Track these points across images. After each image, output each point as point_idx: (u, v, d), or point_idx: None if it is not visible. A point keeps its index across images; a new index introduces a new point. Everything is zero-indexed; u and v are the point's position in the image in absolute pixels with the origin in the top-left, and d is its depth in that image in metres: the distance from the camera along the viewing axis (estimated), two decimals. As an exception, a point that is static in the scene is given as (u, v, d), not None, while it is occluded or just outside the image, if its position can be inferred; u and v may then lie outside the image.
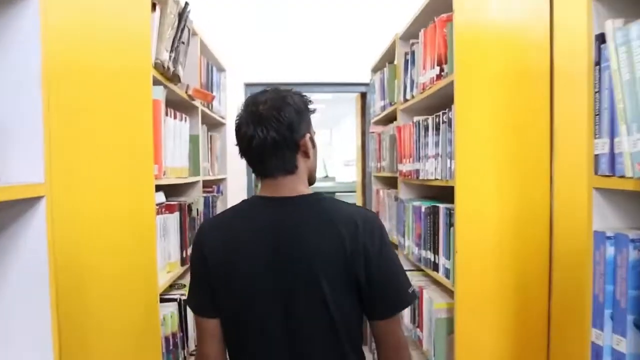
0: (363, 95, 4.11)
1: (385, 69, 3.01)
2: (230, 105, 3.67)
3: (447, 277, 1.88)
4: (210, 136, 2.99)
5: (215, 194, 2.97)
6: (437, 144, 1.94)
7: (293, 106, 1.25)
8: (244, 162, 1.32)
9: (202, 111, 2.69)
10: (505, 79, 1.74)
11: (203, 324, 1.28)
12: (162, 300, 1.92)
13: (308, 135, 1.26)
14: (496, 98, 1.74)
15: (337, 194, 7.41)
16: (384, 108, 3.08)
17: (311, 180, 1.34)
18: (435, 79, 1.96)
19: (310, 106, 1.31)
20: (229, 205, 3.34)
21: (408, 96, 2.37)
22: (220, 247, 1.25)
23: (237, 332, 1.25)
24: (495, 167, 1.74)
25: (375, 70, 3.43)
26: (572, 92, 1.65)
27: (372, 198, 3.90)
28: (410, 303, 1.27)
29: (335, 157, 16.25)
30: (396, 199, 2.80)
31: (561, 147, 1.71)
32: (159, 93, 1.79)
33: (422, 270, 2.40)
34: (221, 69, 3.45)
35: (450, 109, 1.81)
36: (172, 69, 1.91)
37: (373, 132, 3.45)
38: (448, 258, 1.87)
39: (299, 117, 1.24)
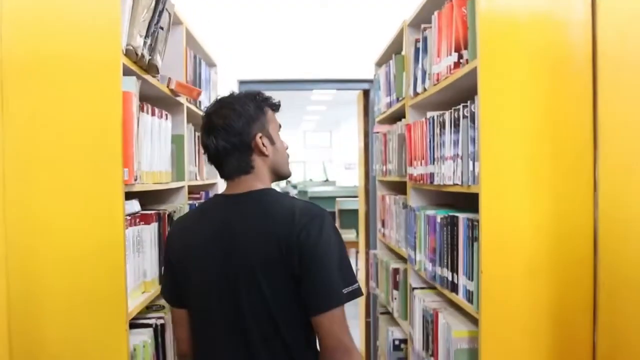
0: (366, 93, 3.84)
1: (391, 61, 2.73)
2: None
3: (469, 300, 1.60)
4: (198, 137, 2.71)
5: (203, 200, 2.69)
6: (455, 143, 1.67)
7: (240, 111, 1.34)
8: None
9: (188, 109, 2.41)
10: (538, 63, 1.46)
11: (173, 311, 1.45)
12: (134, 326, 1.64)
13: (259, 135, 1.34)
14: (528, 86, 1.46)
15: (338, 199, 7.14)
16: (390, 105, 2.80)
17: (280, 174, 1.42)
18: (452, 67, 1.69)
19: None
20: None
21: (419, 89, 2.09)
22: (181, 246, 1.39)
23: (196, 323, 1.38)
24: (528, 170, 1.46)
25: (379, 64, 3.16)
26: (621, 78, 1.37)
27: (376, 204, 3.62)
28: (344, 302, 1.25)
29: (336, 161, 16.01)
30: (405, 206, 2.52)
31: (607, 146, 1.43)
32: (131, 84, 1.52)
33: (434, 288, 2.12)
34: (211, 64, 3.17)
35: (472, 101, 1.53)
36: (147, 57, 1.64)
37: (378, 132, 3.17)
38: (470, 278, 1.59)
39: (247, 121, 1.34)
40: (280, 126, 1.44)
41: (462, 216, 1.69)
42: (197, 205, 2.52)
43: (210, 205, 1.44)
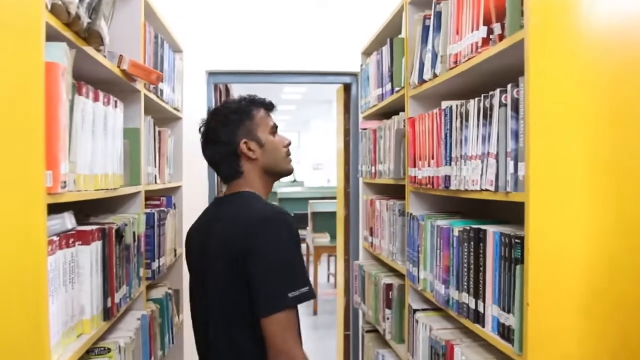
0: (347, 87, 3.48)
1: (384, 47, 2.39)
2: (188, 95, 2.98)
3: (505, 337, 1.26)
4: (159, 132, 2.29)
5: (164, 208, 2.28)
6: (486, 139, 1.33)
7: (223, 121, 1.44)
8: (204, 166, 1.40)
9: (147, 97, 2.00)
10: (606, 37, 1.13)
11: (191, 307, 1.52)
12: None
13: (243, 141, 1.42)
14: (593, 65, 1.13)
15: (310, 201, 6.78)
16: (382, 97, 2.45)
17: (276, 173, 1.49)
18: (480, 44, 1.35)
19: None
20: (185, 222, 2.65)
21: (427, 76, 1.75)
22: (186, 246, 1.55)
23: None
24: (592, 173, 1.13)
25: (368, 52, 2.81)
26: None
27: (358, 208, 3.28)
28: (289, 305, 1.27)
29: (304, 161, 15.65)
30: (402, 213, 2.18)
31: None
32: (59, 53, 1.11)
33: (440, 310, 1.78)
34: (177, 49, 2.76)
35: (517, 86, 1.19)
36: (85, 20, 1.23)
37: (365, 129, 2.82)
38: (506, 309, 1.25)
39: (231, 130, 1.43)
40: (275, 126, 1.49)
41: (491, 229, 1.35)
42: (156, 214, 2.11)
43: (209, 206, 1.57)
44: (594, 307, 1.13)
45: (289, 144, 1.51)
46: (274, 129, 1.49)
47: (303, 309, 5.71)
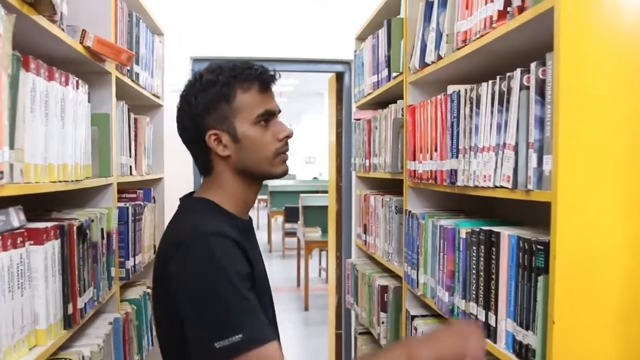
0: (339, 77, 3.30)
1: (380, 30, 2.21)
2: (171, 82, 2.78)
3: (523, 358, 1.09)
4: (135, 119, 2.10)
5: (141, 202, 2.09)
6: (502, 128, 1.15)
7: (190, 101, 1.05)
8: (189, 157, 1.12)
9: (119, 80, 1.81)
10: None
11: None
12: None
13: (211, 132, 1.05)
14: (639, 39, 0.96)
15: (302, 195, 6.62)
16: (378, 84, 2.28)
17: (256, 175, 1.09)
18: (495, 18, 1.18)
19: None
20: (167, 216, 2.43)
21: (430, 58, 1.57)
22: None
23: None
24: (634, 168, 0.97)
25: (362, 37, 2.63)
26: None
27: (351, 203, 3.12)
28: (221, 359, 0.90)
29: (296, 154, 15.48)
30: (399, 210, 2.01)
31: None
32: (-4, 20, 0.92)
33: (440, 316, 1.62)
34: (157, 32, 2.56)
35: (542, 65, 1.02)
36: (33, -17, 1.04)
37: (359, 119, 2.64)
38: (525, 326, 1.09)
39: (199, 115, 1.04)
40: (268, 111, 1.06)
41: (505, 232, 1.18)
42: (131, 208, 1.92)
43: None
44: (632, 327, 0.97)
45: (287, 136, 1.08)
46: (264, 116, 1.06)
47: (294, 304, 5.56)
